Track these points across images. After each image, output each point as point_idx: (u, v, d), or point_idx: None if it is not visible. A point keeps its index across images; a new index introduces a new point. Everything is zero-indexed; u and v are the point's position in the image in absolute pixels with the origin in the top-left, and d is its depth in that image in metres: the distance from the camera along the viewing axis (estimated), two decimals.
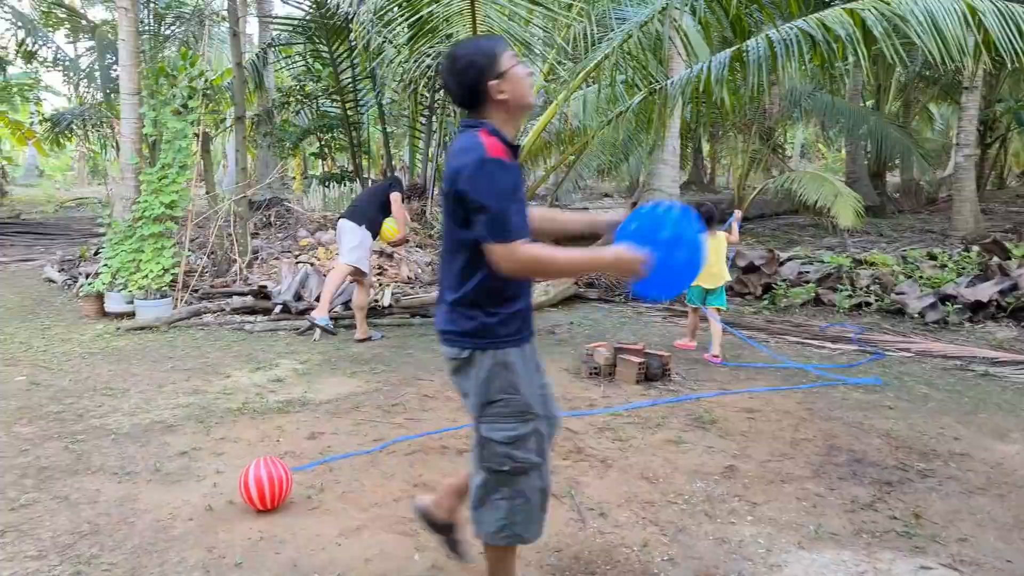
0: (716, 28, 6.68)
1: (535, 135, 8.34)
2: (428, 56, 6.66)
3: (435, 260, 8.71)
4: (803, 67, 6.67)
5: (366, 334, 6.11)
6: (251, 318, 6.77)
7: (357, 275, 6.14)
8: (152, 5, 10.51)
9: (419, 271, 8.23)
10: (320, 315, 5.98)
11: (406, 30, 6.21)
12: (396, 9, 5.70)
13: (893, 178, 19.01)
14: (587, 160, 12.22)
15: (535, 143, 8.64)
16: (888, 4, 6.06)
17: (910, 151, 14.00)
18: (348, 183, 12.78)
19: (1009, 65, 5.95)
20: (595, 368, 4.92)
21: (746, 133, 12.74)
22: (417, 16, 5.90)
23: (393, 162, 13.49)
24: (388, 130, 12.23)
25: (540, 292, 7.40)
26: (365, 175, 12.75)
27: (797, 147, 24.46)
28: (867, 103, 16.53)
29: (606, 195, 22.30)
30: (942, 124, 23.44)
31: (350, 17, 7.79)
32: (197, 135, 7.70)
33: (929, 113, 22.06)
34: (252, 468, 2.86)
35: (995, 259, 7.18)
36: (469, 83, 2.05)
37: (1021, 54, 5.75)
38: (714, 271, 5.39)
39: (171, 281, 7.07)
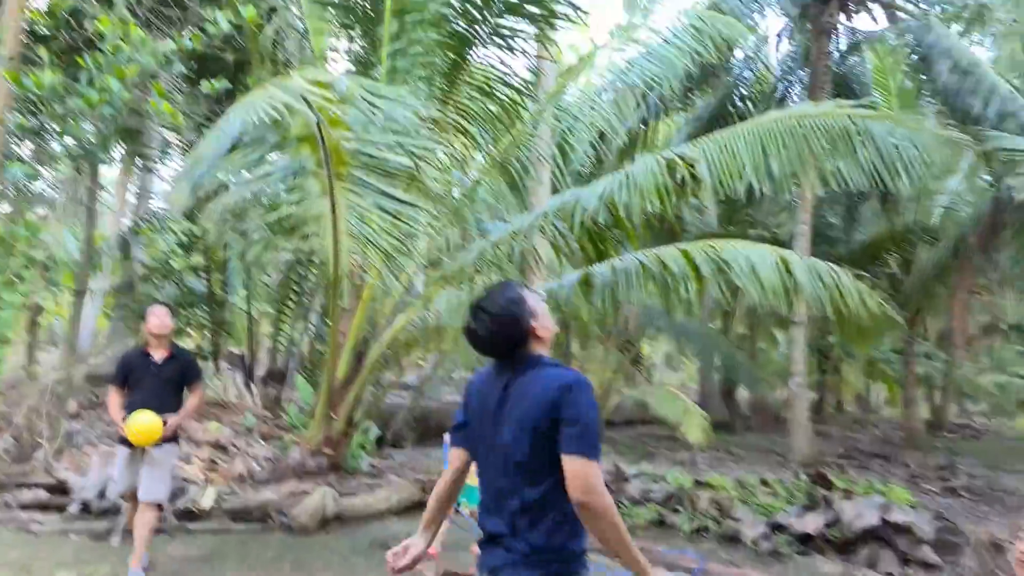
0: (566, 251, 7.18)
1: (397, 330, 8.36)
2: (287, 251, 6.71)
3: (277, 455, 8.16)
4: (647, 294, 7.21)
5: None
6: (41, 516, 5.92)
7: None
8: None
9: (256, 467, 7.64)
10: (133, 567, 4.83)
11: (263, 224, 6.28)
12: (251, 210, 5.79)
13: (746, 394, 20.27)
14: (456, 355, 12.32)
15: (397, 337, 8.63)
16: (715, 249, 6.77)
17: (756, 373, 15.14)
18: (204, 360, 12.17)
19: (815, 309, 6.66)
20: None
21: (607, 345, 13.41)
22: (276, 216, 6.00)
23: (255, 340, 13.08)
24: (253, 310, 11.98)
25: (382, 499, 7.00)
26: (226, 353, 12.22)
27: (661, 355, 25.90)
28: (717, 324, 18.02)
29: None
30: (785, 348, 25.75)
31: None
32: (27, 307, 7.19)
33: (773, 336, 24.22)
34: None
35: (821, 489, 7.52)
36: (517, 334, 2.28)
37: (824, 300, 6.50)
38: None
39: None
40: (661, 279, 6.97)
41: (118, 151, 8.05)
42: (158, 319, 5.03)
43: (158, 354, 5.10)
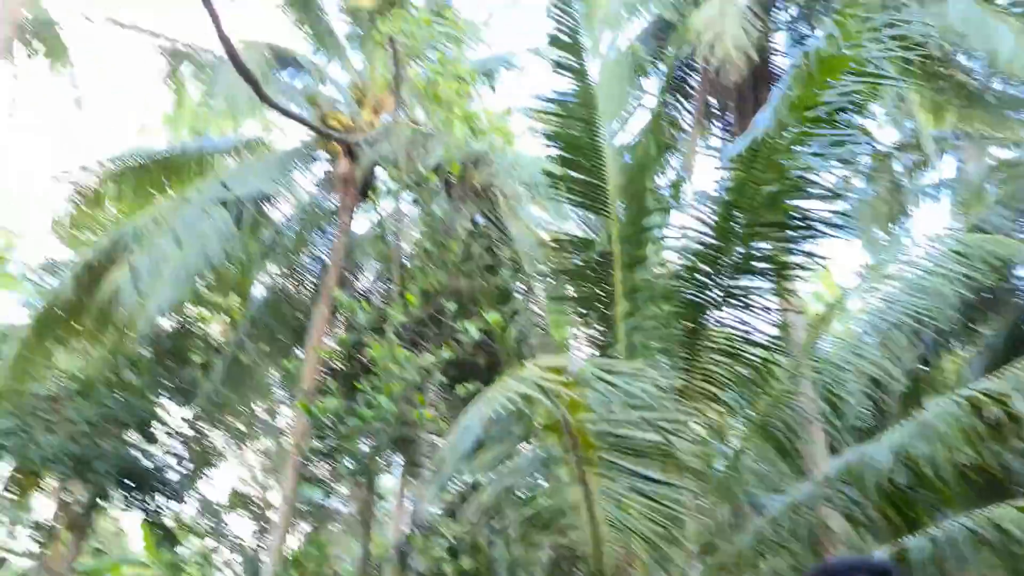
0: (863, 521, 6.06)
1: None
2: (547, 547, 6.41)
3: None
4: (987, 568, 5.67)
5: None
6: None
7: None
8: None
9: None
10: None
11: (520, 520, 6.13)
12: (507, 506, 5.73)
13: None
14: None
15: None
16: None
17: None
18: None
19: None
20: None
21: None
22: (531, 509, 5.85)
23: None
24: None
25: None
26: None
27: None
28: None
29: None
30: None
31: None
32: None
33: None
34: None
35: None
36: None
37: None
38: None
39: None
40: (1002, 548, 5.49)
41: (394, 461, 8.79)
42: None
43: None
